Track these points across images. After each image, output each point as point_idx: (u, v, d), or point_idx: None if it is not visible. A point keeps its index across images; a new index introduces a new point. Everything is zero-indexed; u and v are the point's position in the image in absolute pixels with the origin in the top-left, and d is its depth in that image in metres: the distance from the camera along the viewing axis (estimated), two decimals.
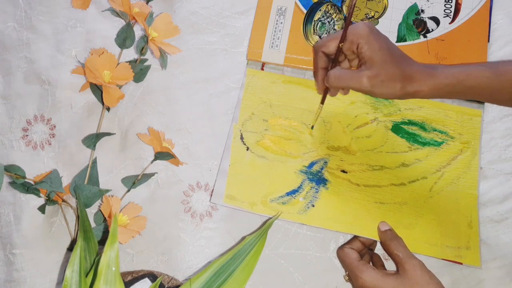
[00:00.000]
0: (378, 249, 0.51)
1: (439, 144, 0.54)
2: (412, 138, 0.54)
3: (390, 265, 0.49)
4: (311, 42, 0.57)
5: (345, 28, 0.48)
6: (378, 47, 0.48)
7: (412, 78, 0.47)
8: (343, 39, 0.49)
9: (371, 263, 0.50)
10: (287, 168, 0.53)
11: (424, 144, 0.54)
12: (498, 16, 0.58)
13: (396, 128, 0.55)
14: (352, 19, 0.58)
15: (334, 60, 0.51)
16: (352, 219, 0.51)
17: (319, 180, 0.52)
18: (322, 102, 0.53)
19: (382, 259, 0.50)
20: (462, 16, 0.57)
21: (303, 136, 0.55)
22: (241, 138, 0.54)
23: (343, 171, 0.53)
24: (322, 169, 0.53)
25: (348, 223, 0.51)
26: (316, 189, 0.52)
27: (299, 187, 0.52)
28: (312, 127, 0.55)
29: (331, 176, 0.53)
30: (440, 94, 0.48)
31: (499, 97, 0.49)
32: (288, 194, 0.52)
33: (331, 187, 0.52)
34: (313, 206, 0.51)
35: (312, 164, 0.53)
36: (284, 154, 0.54)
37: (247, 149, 0.54)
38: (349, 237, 0.51)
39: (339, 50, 0.50)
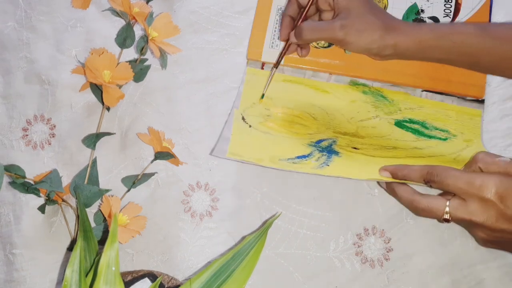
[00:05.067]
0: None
1: (444, 139, 0.54)
2: (417, 132, 0.54)
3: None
4: None
5: None
6: None
7: (393, 27, 0.45)
8: None
9: None
10: (294, 140, 0.51)
11: (430, 137, 0.54)
12: (498, 16, 0.58)
13: (399, 124, 0.55)
14: None
15: (304, 9, 0.49)
16: (374, 167, 0.47)
17: (330, 151, 0.50)
18: (276, 65, 0.52)
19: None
20: (462, 16, 0.57)
21: (308, 122, 0.54)
22: (243, 119, 0.54)
23: (355, 148, 0.51)
24: (331, 145, 0.51)
25: (370, 171, 0.47)
26: (328, 156, 0.50)
27: (309, 154, 0.50)
28: (262, 96, 0.54)
29: (342, 150, 0.51)
30: (423, 48, 0.45)
31: (485, 58, 0.46)
32: (298, 157, 0.50)
33: (344, 156, 0.50)
34: (327, 165, 0.49)
35: (320, 141, 0.52)
36: (289, 133, 0.53)
37: (250, 126, 0.53)
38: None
39: (310, 2, 0.48)
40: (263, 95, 0.55)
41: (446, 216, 0.42)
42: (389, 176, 0.46)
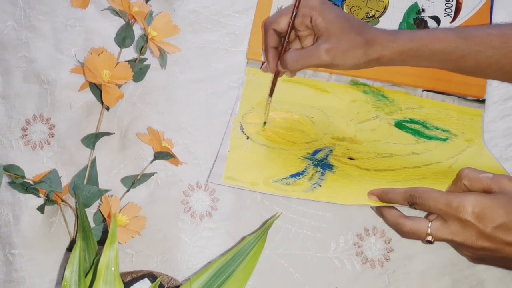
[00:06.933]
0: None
1: (444, 139, 0.53)
2: (417, 133, 0.54)
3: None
4: None
5: (296, 2, 0.46)
6: (333, 17, 0.46)
7: (374, 42, 0.45)
8: (294, 11, 0.46)
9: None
10: (290, 154, 0.52)
11: (430, 138, 0.53)
12: (499, 16, 0.57)
13: (399, 125, 0.54)
14: None
15: (285, 38, 0.49)
16: (363, 192, 0.48)
17: (324, 165, 0.51)
18: (271, 94, 0.52)
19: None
20: (463, 15, 0.57)
21: (306, 127, 0.54)
22: (241, 128, 0.54)
23: (350, 158, 0.51)
24: (327, 156, 0.51)
25: (359, 195, 0.48)
26: (322, 172, 0.50)
27: (303, 171, 0.51)
28: (264, 123, 0.53)
29: (337, 162, 0.51)
30: (404, 59, 0.46)
31: (464, 64, 0.47)
32: (292, 176, 0.50)
33: (338, 171, 0.50)
34: (320, 186, 0.49)
35: (316, 152, 0.52)
36: (286, 143, 0.53)
37: (247, 138, 0.53)
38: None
39: (291, 26, 0.47)
40: (265, 123, 0.54)
41: (429, 238, 0.43)
42: (377, 199, 0.47)
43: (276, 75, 0.52)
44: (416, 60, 0.47)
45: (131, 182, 0.52)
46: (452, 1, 0.58)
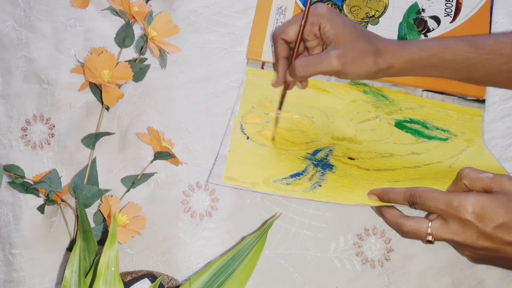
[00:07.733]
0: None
1: (444, 139, 0.54)
2: (417, 133, 0.54)
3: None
4: None
5: (305, 10, 0.46)
6: (342, 25, 0.45)
7: (384, 51, 0.45)
8: (303, 18, 0.46)
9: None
10: (290, 154, 0.52)
11: (430, 138, 0.54)
12: (499, 16, 0.57)
13: (399, 125, 0.54)
14: (353, 18, 0.58)
15: (294, 48, 0.48)
16: (363, 192, 0.48)
17: (324, 165, 0.51)
18: (280, 107, 0.51)
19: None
20: (463, 16, 0.57)
21: (306, 127, 0.54)
22: (241, 128, 0.54)
23: (350, 158, 0.51)
24: (327, 156, 0.51)
25: (360, 195, 0.48)
26: (322, 172, 0.50)
27: (303, 171, 0.51)
28: (273, 139, 0.53)
29: (337, 162, 0.51)
30: (414, 68, 0.46)
31: (475, 73, 0.47)
32: (292, 176, 0.51)
33: (338, 171, 0.50)
34: (320, 186, 0.50)
35: (316, 152, 0.52)
36: (286, 143, 0.53)
37: (247, 138, 0.53)
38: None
39: (301, 34, 0.47)
40: (273, 138, 0.53)
41: (429, 238, 0.43)
42: (377, 199, 0.47)
43: (286, 87, 0.51)
44: (426, 69, 0.46)
45: (131, 182, 0.52)
46: (452, 1, 0.58)
